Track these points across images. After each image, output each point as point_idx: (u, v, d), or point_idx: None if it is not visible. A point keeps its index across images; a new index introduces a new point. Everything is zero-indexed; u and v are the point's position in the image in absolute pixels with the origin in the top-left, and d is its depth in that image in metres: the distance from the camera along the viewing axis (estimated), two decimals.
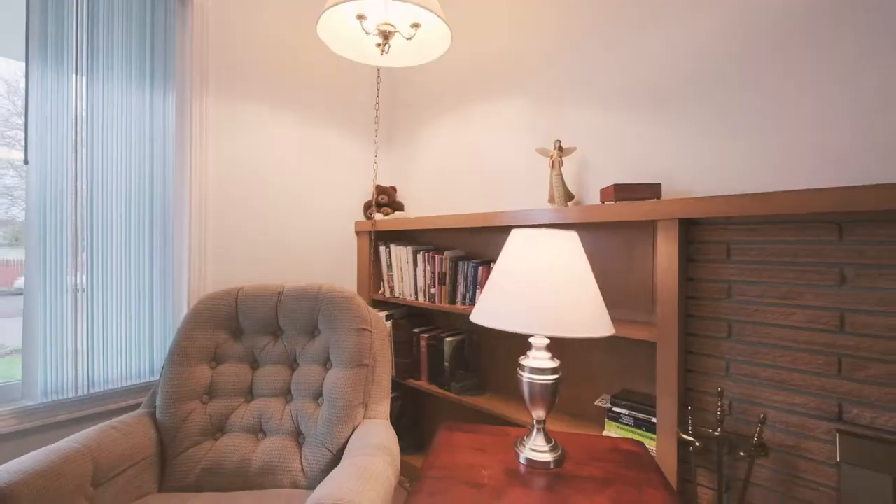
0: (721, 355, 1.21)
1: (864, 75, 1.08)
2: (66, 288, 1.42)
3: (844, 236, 1.04)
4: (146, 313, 1.58)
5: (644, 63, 1.50)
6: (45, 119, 1.39)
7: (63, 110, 1.43)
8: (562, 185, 1.57)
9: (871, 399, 1.00)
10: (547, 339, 0.94)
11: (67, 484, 0.98)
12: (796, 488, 1.09)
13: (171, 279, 1.66)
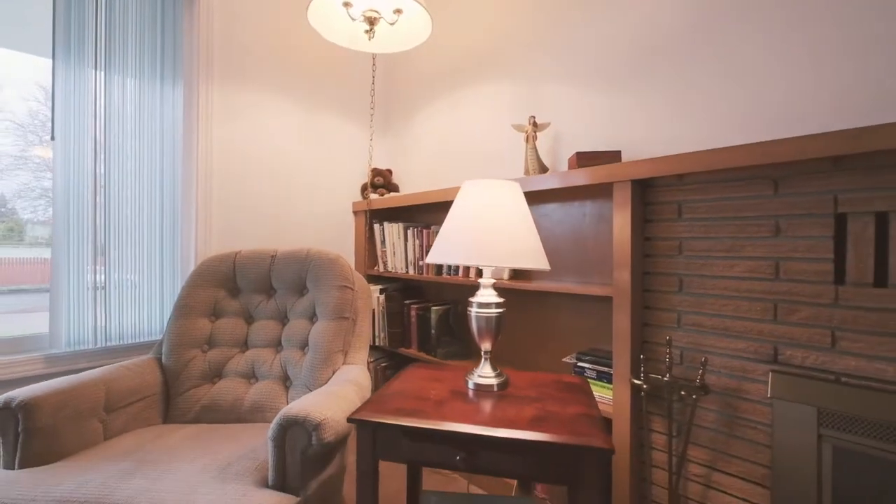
0: (673, 308, 1.29)
1: (795, 41, 1.16)
2: (87, 252, 1.60)
3: (780, 190, 1.11)
4: (156, 278, 1.75)
5: (608, 41, 1.59)
6: (68, 109, 1.57)
7: (84, 101, 1.61)
8: (536, 158, 1.67)
9: (802, 340, 1.07)
10: (493, 279, 1.05)
11: (83, 404, 1.14)
12: (737, 428, 1.17)
13: (179, 249, 1.83)
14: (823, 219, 1.05)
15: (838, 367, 1.02)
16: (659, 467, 1.31)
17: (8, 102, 1.68)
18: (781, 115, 1.21)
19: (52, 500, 0.83)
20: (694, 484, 1.25)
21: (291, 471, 0.94)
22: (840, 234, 1.03)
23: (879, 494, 0.96)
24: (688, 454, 1.26)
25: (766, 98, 1.24)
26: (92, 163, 1.62)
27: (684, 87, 1.40)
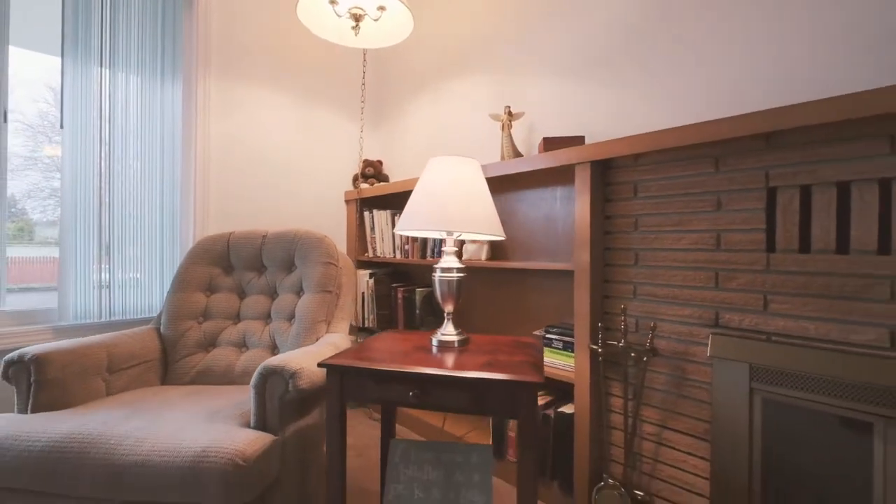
0: (629, 280, 1.39)
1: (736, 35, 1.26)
2: (93, 234, 1.73)
3: (720, 167, 1.21)
4: (157, 259, 1.88)
5: (577, 37, 1.70)
6: (76, 103, 1.70)
7: (90, 96, 1.74)
8: (510, 145, 1.78)
9: (739, 304, 1.17)
10: (455, 247, 1.15)
11: (87, 362, 1.26)
12: (684, 388, 1.27)
13: (178, 235, 1.95)
14: (757, 193, 1.15)
15: (770, 327, 1.12)
16: (616, 428, 1.41)
17: (19, 103, 1.80)
18: (726, 99, 1.32)
19: (59, 435, 0.95)
20: (647, 442, 1.35)
21: (271, 415, 1.05)
22: (771, 206, 1.13)
23: (801, 439, 1.06)
24: (641, 415, 1.36)
25: (713, 84, 1.34)
26: (97, 152, 1.75)
27: (643, 77, 1.50)
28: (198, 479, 0.87)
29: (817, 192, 1.06)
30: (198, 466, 0.88)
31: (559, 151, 1.46)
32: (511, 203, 1.88)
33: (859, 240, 1.00)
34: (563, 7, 1.75)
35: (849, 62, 1.13)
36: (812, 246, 1.07)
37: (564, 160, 1.44)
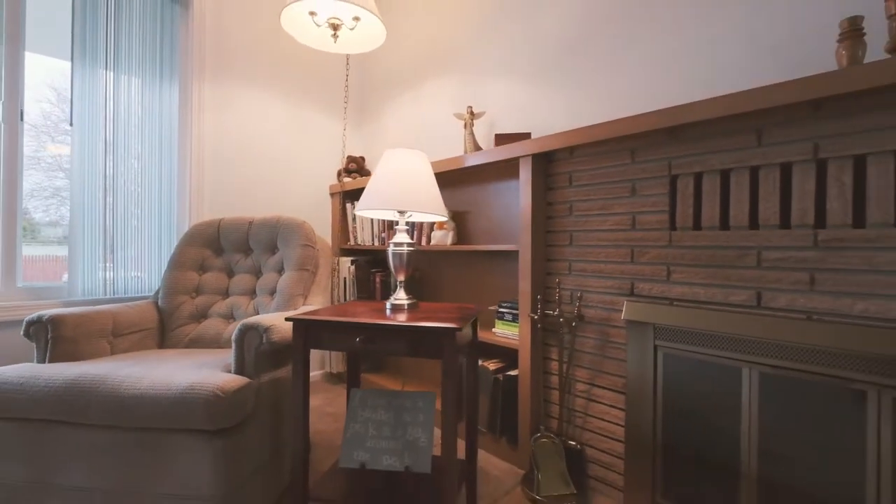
0: (565, 258, 1.60)
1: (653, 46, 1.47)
2: (98, 220, 1.94)
3: (635, 159, 1.41)
4: (155, 243, 2.09)
5: (531, 45, 1.90)
6: (84, 103, 1.91)
7: (96, 97, 1.95)
8: (472, 141, 1.99)
9: (648, 275, 1.37)
10: (406, 225, 1.36)
11: (95, 326, 1.47)
12: (608, 349, 1.47)
13: (175, 222, 2.16)
14: (662, 180, 1.35)
15: (672, 294, 1.32)
16: (553, 388, 1.61)
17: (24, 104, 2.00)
18: (645, 98, 1.52)
19: (73, 375, 1.16)
20: (579, 398, 1.55)
21: (248, 363, 1.26)
22: (673, 191, 1.33)
23: (692, 383, 1.26)
24: (573, 375, 1.56)
25: (635, 86, 1.55)
26: (103, 147, 1.96)
27: (582, 79, 1.71)
28: (186, 407, 1.08)
29: (707, 179, 1.26)
30: (186, 397, 1.08)
31: (507, 146, 1.66)
32: (476, 193, 2.09)
33: (736, 217, 1.20)
34: (517, 16, 1.96)
35: (735, 69, 1.33)
36: (703, 224, 1.27)
37: (511, 154, 1.64)
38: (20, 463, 1.15)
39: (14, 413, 1.14)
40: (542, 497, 1.42)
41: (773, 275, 1.14)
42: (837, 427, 1.03)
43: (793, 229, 1.11)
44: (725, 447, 1.20)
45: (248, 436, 1.20)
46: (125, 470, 1.12)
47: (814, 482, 1.06)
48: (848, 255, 1.03)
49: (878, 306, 0.99)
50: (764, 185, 1.16)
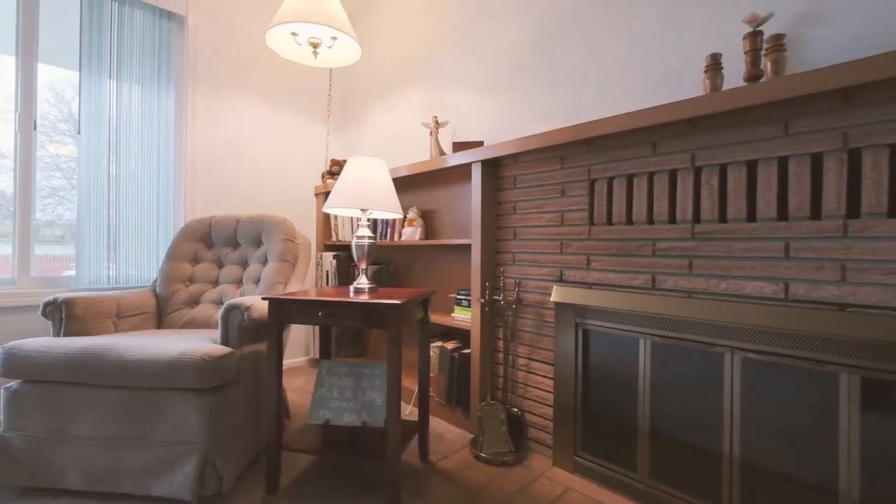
0: (510, 251, 1.84)
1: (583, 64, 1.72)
2: (102, 222, 2.17)
3: (564, 165, 1.66)
4: (153, 237, 2.33)
5: (487, 61, 2.15)
6: (90, 108, 2.15)
7: (101, 103, 2.18)
8: (437, 147, 2.23)
9: (573, 264, 1.62)
10: (369, 220, 1.60)
11: (102, 308, 1.71)
12: (543, 328, 1.71)
13: (171, 220, 2.40)
14: (583, 183, 1.59)
15: (590, 279, 1.56)
16: (499, 363, 1.86)
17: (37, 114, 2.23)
18: (575, 111, 1.76)
19: (85, 344, 1.39)
20: (520, 371, 1.79)
21: (232, 337, 1.50)
22: (591, 192, 1.58)
23: (603, 354, 1.50)
24: (515, 351, 1.80)
25: (567, 102, 1.79)
26: (107, 150, 2.19)
27: (528, 94, 1.95)
28: (178, 370, 1.32)
29: (616, 182, 1.50)
30: (179, 361, 1.32)
31: (461, 153, 1.90)
32: (442, 194, 2.32)
33: (637, 214, 1.45)
34: (472, 37, 2.20)
35: (638, 91, 1.58)
36: (613, 220, 1.51)
37: (465, 160, 1.88)
38: (42, 417, 1.38)
39: (36, 376, 1.38)
40: (485, 454, 1.66)
41: (663, 261, 1.38)
42: (705, 381, 1.28)
43: (677, 224, 1.35)
44: (627, 406, 1.45)
45: (231, 396, 1.44)
46: (129, 421, 1.35)
47: (688, 427, 1.31)
48: (714, 244, 1.27)
49: (735, 285, 1.23)
50: (658, 188, 1.40)
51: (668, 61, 1.52)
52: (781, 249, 1.16)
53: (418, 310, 1.59)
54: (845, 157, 1.07)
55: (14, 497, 1.36)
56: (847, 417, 1.05)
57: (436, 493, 1.44)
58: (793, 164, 1.15)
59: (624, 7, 1.64)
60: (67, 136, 2.22)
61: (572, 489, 1.47)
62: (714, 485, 1.26)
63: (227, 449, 1.40)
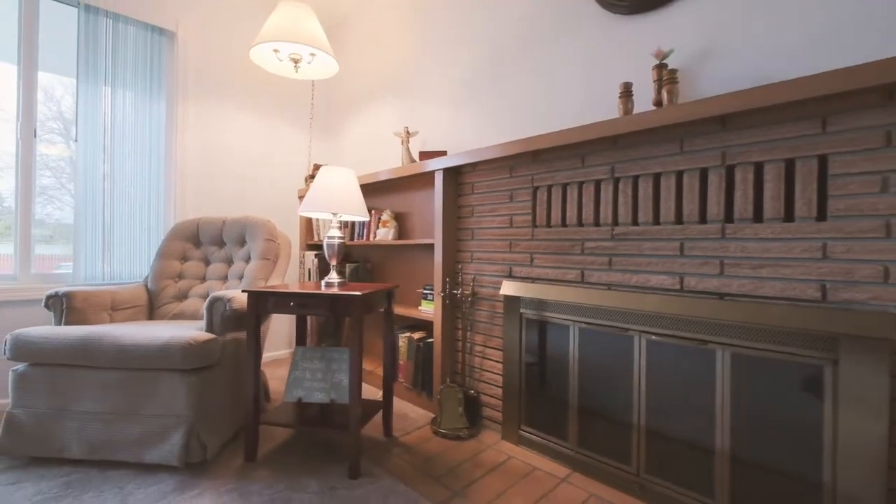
0: (469, 250, 2.05)
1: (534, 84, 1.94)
2: (98, 222, 2.35)
3: (512, 174, 1.87)
4: (145, 237, 2.51)
5: (452, 77, 2.36)
6: (86, 113, 2.33)
7: (97, 108, 2.36)
8: (408, 155, 2.44)
9: (519, 261, 1.83)
10: (339, 223, 1.80)
11: (98, 301, 1.89)
12: (495, 319, 1.93)
13: (161, 222, 2.58)
14: (528, 190, 1.81)
15: (533, 274, 1.78)
16: (458, 350, 2.07)
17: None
18: (522, 126, 1.98)
19: (85, 331, 1.58)
20: (476, 357, 2.00)
21: (215, 325, 1.69)
22: (534, 198, 1.79)
23: (541, 340, 1.72)
24: (472, 340, 2.02)
25: (528, 115, 2.01)
26: (102, 153, 2.37)
27: (486, 108, 2.17)
28: (168, 352, 1.51)
29: (553, 190, 1.72)
30: (168, 345, 1.52)
31: (426, 161, 2.11)
32: (413, 198, 2.53)
33: (570, 218, 1.67)
34: (439, 55, 2.41)
35: (573, 110, 1.80)
36: (551, 223, 1.73)
37: (429, 168, 2.09)
38: (45, 396, 1.57)
39: (40, 359, 1.57)
40: (443, 430, 1.87)
41: (590, 259, 1.60)
42: (619, 358, 1.50)
43: (601, 226, 1.57)
44: (561, 384, 1.67)
45: (215, 376, 1.64)
46: (123, 398, 1.55)
47: (607, 401, 1.53)
48: (629, 244, 1.50)
49: (643, 278, 1.45)
50: (585, 195, 1.62)
51: (595, 86, 1.74)
52: (678, 248, 1.38)
53: (382, 302, 1.80)
54: (723, 172, 1.30)
55: (22, 465, 1.55)
56: (721, 385, 1.28)
57: (395, 461, 1.64)
58: (686, 177, 1.37)
59: (562, 39, 1.86)
60: (57, 134, 2.39)
61: (514, 457, 1.69)
62: (626, 449, 1.48)
63: (210, 422, 1.60)
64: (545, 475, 1.56)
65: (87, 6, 2.32)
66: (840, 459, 1.07)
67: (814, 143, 1.15)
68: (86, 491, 1.40)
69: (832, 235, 1.12)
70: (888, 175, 1.05)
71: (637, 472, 1.45)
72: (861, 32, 1.19)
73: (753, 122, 1.24)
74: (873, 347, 1.03)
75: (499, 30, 2.13)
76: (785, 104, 1.13)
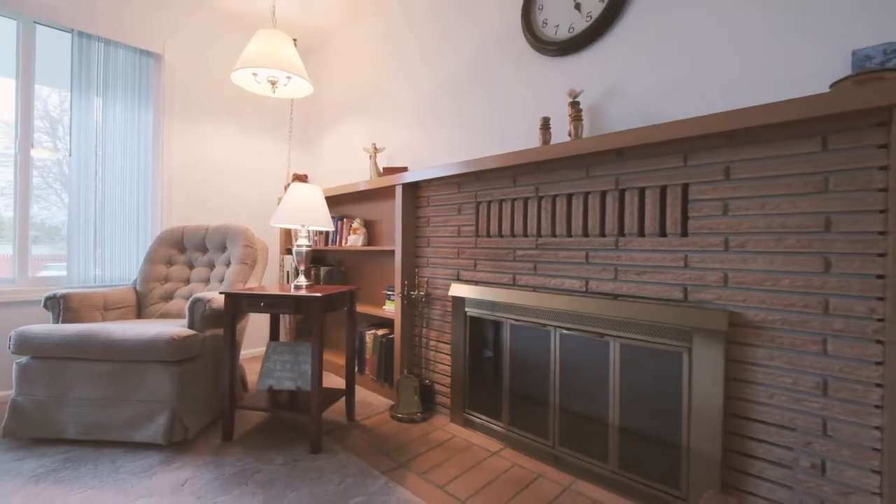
0: (425, 255, 2.32)
1: (481, 113, 2.21)
2: (90, 229, 2.57)
3: (460, 190, 2.14)
4: (134, 243, 2.74)
5: (414, 100, 2.62)
6: (79, 130, 2.55)
7: (90, 119, 2.58)
8: (376, 169, 2.69)
9: (466, 266, 2.10)
10: (307, 232, 2.06)
11: (92, 302, 2.12)
12: (446, 317, 2.19)
13: (149, 229, 2.81)
14: (473, 204, 2.07)
15: (476, 278, 2.05)
16: (416, 345, 2.33)
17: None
18: (486, 145, 2.25)
19: (81, 328, 1.81)
20: (430, 351, 2.27)
21: (196, 322, 1.93)
22: (477, 212, 2.06)
23: (482, 334, 1.99)
24: (427, 335, 2.28)
25: (476, 138, 2.28)
26: (94, 167, 2.60)
27: (442, 130, 2.43)
28: (154, 346, 1.75)
29: (492, 205, 1.99)
30: (154, 340, 1.76)
31: (388, 178, 2.37)
32: (381, 208, 2.79)
33: (504, 229, 1.93)
34: (402, 79, 2.67)
35: (509, 137, 2.07)
36: (491, 233, 2.00)
37: (390, 182, 2.35)
38: (45, 385, 1.80)
39: (41, 353, 1.80)
40: (400, 415, 2.13)
41: (520, 265, 1.87)
42: (540, 348, 1.77)
43: (528, 237, 1.85)
44: (497, 373, 1.94)
45: (196, 368, 1.88)
46: (115, 386, 1.78)
47: (532, 385, 1.80)
48: (549, 252, 1.77)
49: (559, 282, 1.73)
50: (516, 210, 1.89)
51: (529, 116, 2.01)
52: (584, 257, 1.66)
53: (344, 302, 2.05)
54: (617, 195, 1.57)
55: (26, 445, 1.78)
56: (613, 370, 1.55)
57: (353, 440, 1.90)
58: (591, 198, 1.65)
59: (504, 73, 2.12)
60: (43, 133, 2.57)
61: (457, 436, 1.95)
62: (545, 425, 1.75)
63: (192, 407, 1.84)
64: (480, 450, 1.83)
65: (80, 32, 2.54)
66: (693, 425, 1.35)
67: (679, 174, 1.43)
68: (83, 465, 1.64)
69: (691, 248, 1.40)
70: (728, 201, 1.33)
71: (553, 444, 1.72)
72: (718, 87, 1.47)
73: (638, 155, 1.52)
74: (715, 337, 1.31)
75: (456, 60, 2.39)
76: (658, 143, 1.41)
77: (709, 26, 1.49)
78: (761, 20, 1.39)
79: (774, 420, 1.24)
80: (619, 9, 1.68)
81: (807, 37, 1.31)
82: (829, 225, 1.16)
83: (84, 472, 1.59)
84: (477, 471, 1.66)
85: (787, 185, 1.23)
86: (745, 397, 1.29)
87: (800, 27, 1.32)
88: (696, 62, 1.52)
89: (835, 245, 1.15)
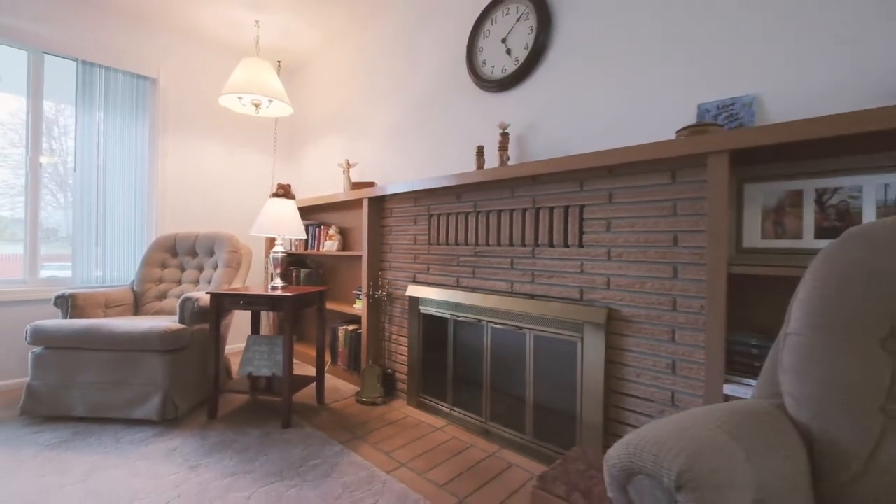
0: (388, 261, 2.64)
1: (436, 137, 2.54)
2: (92, 234, 2.88)
3: (417, 203, 2.46)
4: (131, 247, 3.05)
5: (385, 120, 2.94)
6: (83, 141, 2.86)
7: (92, 136, 2.89)
8: (349, 183, 3.01)
9: (421, 270, 2.42)
10: (282, 242, 2.38)
11: (95, 300, 2.44)
12: (404, 314, 2.52)
13: (145, 234, 3.12)
14: (426, 216, 2.40)
15: (429, 280, 2.37)
16: (380, 339, 2.66)
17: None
18: (441, 165, 2.58)
19: (87, 323, 2.13)
20: (392, 344, 2.59)
21: (186, 318, 2.25)
22: (429, 223, 2.39)
23: (432, 329, 2.32)
24: (389, 330, 2.61)
25: (432, 157, 2.60)
26: (96, 175, 2.91)
27: (407, 149, 2.76)
28: (149, 338, 2.07)
29: (441, 217, 2.32)
30: (149, 332, 2.07)
31: (357, 192, 2.69)
32: (354, 216, 3.11)
33: (450, 238, 2.26)
34: (374, 101, 2.99)
35: (455, 161, 2.40)
36: (440, 241, 2.33)
37: (359, 195, 2.68)
38: (56, 372, 2.11)
39: (53, 344, 2.11)
40: (363, 399, 2.45)
41: (462, 269, 2.20)
42: (476, 340, 2.10)
43: (468, 245, 2.17)
44: (444, 361, 2.26)
45: (185, 357, 2.20)
46: (116, 371, 2.10)
47: (470, 370, 2.13)
48: (484, 259, 2.10)
49: (492, 284, 2.06)
50: (459, 223, 2.22)
51: (472, 142, 2.34)
52: (510, 263, 1.99)
53: (315, 300, 2.38)
54: (534, 212, 1.90)
55: (40, 422, 2.09)
56: (529, 356, 1.88)
57: (320, 419, 2.22)
58: (515, 215, 1.98)
59: (454, 104, 2.45)
60: (42, 137, 2.90)
61: (409, 416, 2.28)
62: (479, 404, 2.08)
63: (182, 390, 2.16)
64: (427, 426, 2.16)
65: (83, 61, 2.86)
66: (584, 399, 1.68)
67: (577, 197, 1.76)
68: (89, 437, 1.96)
69: (585, 257, 1.73)
70: (610, 220, 1.66)
71: (485, 420, 2.05)
72: (604, 127, 1.80)
73: (549, 180, 1.85)
74: (598, 329, 1.64)
75: (420, 89, 2.72)
76: (561, 171, 1.74)
77: (604, 75, 1.82)
78: (638, 70, 1.72)
79: (640, 394, 1.57)
80: (539, 57, 2.02)
81: (671, 88, 1.64)
82: (677, 240, 1.50)
83: (91, 442, 1.91)
84: (420, 442, 1.99)
85: (650, 209, 1.56)
86: (619, 376, 1.62)
87: (665, 81, 1.66)
88: (592, 105, 1.85)
89: (680, 256, 1.49)
